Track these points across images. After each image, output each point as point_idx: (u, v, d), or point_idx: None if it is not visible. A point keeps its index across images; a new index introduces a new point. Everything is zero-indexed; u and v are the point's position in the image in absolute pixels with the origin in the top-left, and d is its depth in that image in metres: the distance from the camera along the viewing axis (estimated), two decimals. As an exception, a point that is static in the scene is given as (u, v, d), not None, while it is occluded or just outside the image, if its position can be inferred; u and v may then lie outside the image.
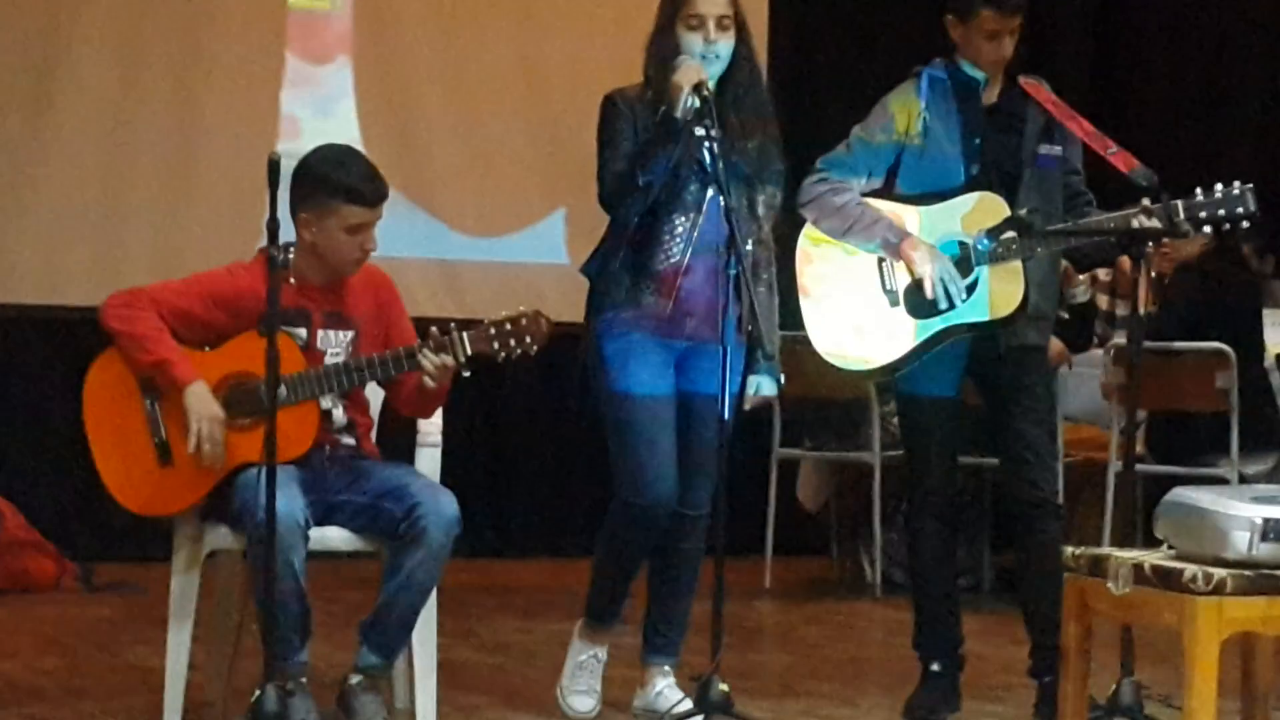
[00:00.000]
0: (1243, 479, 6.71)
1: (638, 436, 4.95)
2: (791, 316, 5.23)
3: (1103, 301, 7.54)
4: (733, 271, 4.69)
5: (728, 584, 4.69)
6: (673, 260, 4.91)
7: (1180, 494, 4.23)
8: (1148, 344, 5.79)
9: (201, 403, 4.77)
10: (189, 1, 7.57)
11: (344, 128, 7.68)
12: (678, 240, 4.92)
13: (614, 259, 4.95)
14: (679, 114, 4.80)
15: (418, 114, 7.81)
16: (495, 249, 7.90)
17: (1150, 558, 4.20)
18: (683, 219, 4.92)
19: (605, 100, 5.00)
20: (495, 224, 7.90)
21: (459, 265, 7.89)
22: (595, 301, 5.04)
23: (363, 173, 4.96)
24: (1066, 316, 7.07)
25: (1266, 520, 4.05)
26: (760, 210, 5.02)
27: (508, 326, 4.86)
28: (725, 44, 4.93)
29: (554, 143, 7.32)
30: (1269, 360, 7.01)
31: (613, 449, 5.01)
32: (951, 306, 5.07)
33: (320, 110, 7.72)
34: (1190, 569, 4.07)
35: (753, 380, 5.02)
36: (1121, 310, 7.42)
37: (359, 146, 7.42)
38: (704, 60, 4.89)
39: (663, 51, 4.95)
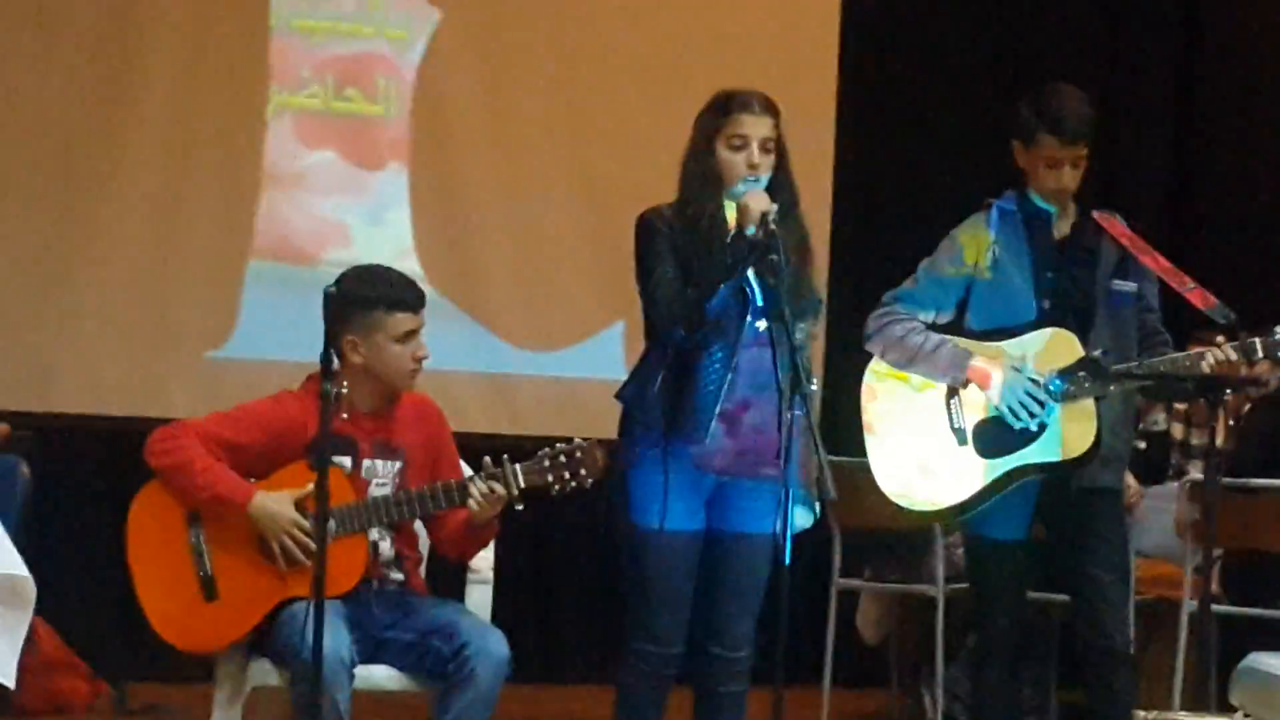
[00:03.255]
0: (1323, 621, 6.54)
1: (655, 580, 4.79)
2: (851, 443, 5.10)
3: (1178, 431, 7.37)
4: (798, 412, 4.51)
5: (783, 718, 4.51)
6: (711, 390, 4.74)
7: (1257, 660, 4.08)
8: (1224, 479, 5.62)
9: (270, 516, 4.72)
10: (239, 103, 7.49)
11: (396, 236, 7.58)
12: (715, 369, 4.76)
13: (652, 385, 4.79)
14: (748, 241, 4.65)
15: (473, 223, 7.71)
16: (550, 363, 7.75)
17: (1225, 726, 4.06)
18: (721, 348, 4.76)
19: (641, 219, 4.85)
20: (551, 337, 7.78)
21: (512, 379, 7.74)
22: (629, 428, 4.88)
23: (398, 280, 4.97)
24: (1143, 446, 6.91)
25: (1349, 692, 3.91)
26: (798, 340, 4.87)
27: (562, 459, 4.78)
28: (768, 168, 4.78)
29: (612, 254, 7.11)
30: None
31: (627, 589, 4.86)
32: (1037, 427, 4.91)
33: (371, 218, 7.62)
34: (1268, 740, 3.93)
35: None
36: (1198, 439, 7.25)
37: (412, 255, 7.51)
38: (745, 184, 4.75)
39: (703, 171, 4.81)
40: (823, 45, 7.98)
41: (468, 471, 4.94)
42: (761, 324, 4.68)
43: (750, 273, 4.68)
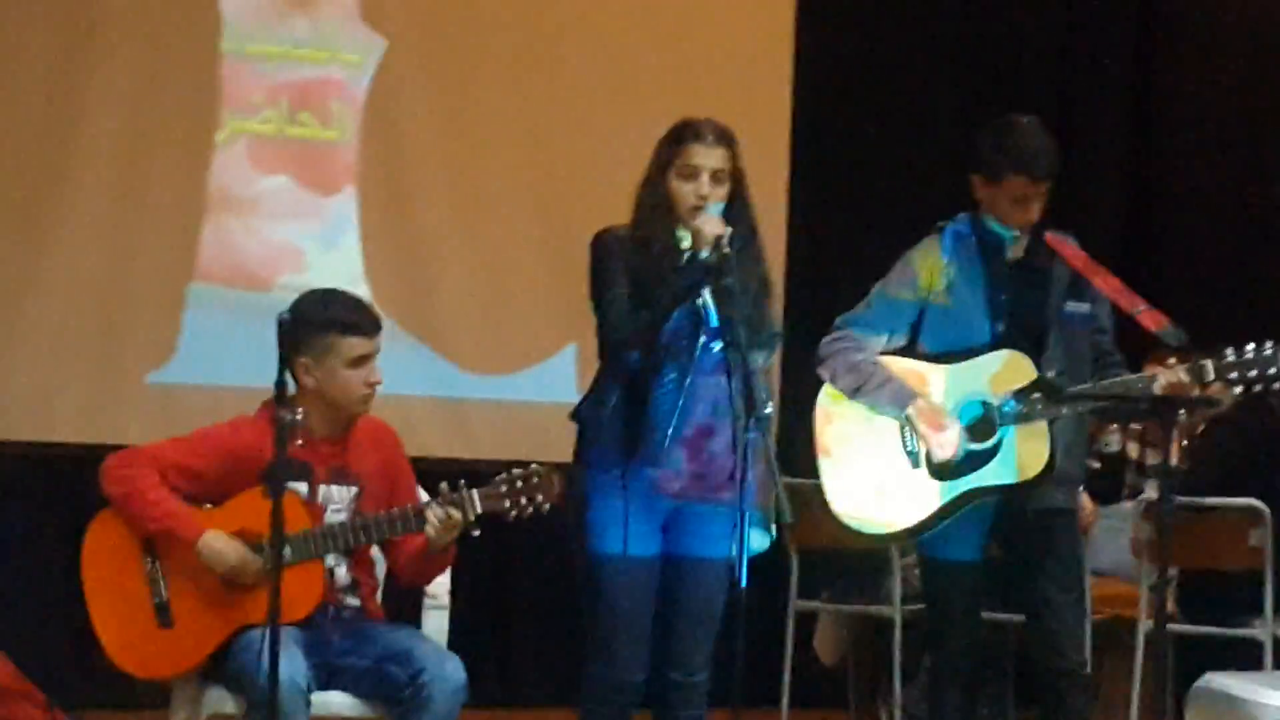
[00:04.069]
0: (1277, 640, 6.55)
1: (615, 607, 4.78)
2: (806, 465, 5.11)
3: (1133, 450, 7.39)
4: (751, 435, 4.51)
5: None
6: (664, 411, 4.74)
7: (1213, 680, 4.10)
8: (1178, 499, 5.64)
9: (217, 555, 4.70)
10: (190, 128, 7.47)
11: (349, 261, 7.56)
12: (668, 391, 4.75)
13: (605, 406, 4.79)
14: (701, 264, 4.65)
15: (424, 248, 7.69)
16: (504, 387, 7.74)
17: (1182, 747, 4.08)
18: (674, 370, 4.76)
19: (596, 239, 4.86)
20: (503, 361, 7.76)
21: (466, 404, 7.73)
22: (584, 451, 4.86)
23: (353, 304, 4.97)
24: (1097, 466, 6.94)
25: (1303, 711, 3.93)
26: (754, 365, 4.85)
27: (519, 484, 4.79)
28: (718, 199, 4.77)
29: (564, 277, 7.13)
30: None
31: (586, 617, 4.85)
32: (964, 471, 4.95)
33: (326, 242, 7.60)
34: (1224, 761, 3.95)
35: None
36: (1152, 459, 7.28)
37: (363, 280, 7.50)
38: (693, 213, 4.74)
39: (654, 200, 4.81)
40: (776, 71, 7.99)
41: (425, 497, 4.94)
42: (717, 346, 4.69)
43: (706, 296, 4.68)
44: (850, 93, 8.24)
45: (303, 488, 4.82)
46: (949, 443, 4.96)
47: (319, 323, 4.84)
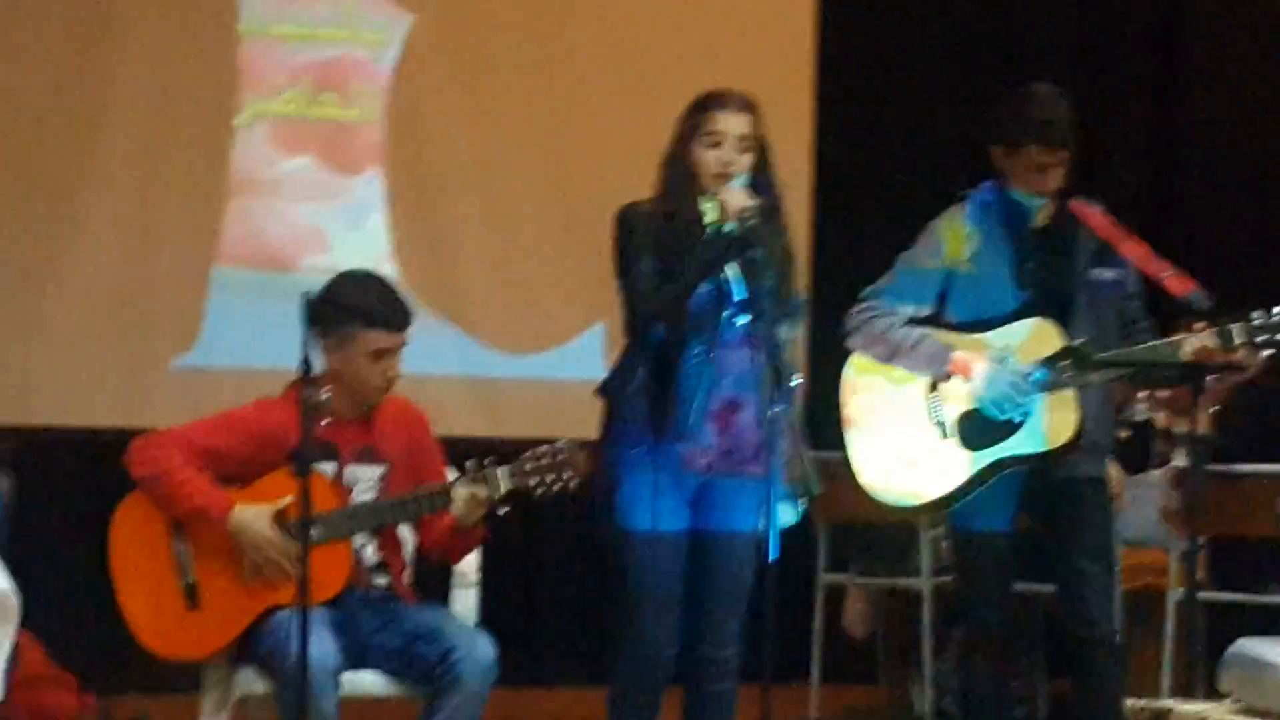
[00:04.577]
0: (1307, 608, 6.54)
1: (644, 583, 4.77)
2: (834, 438, 5.10)
3: (1161, 418, 7.36)
4: (778, 408, 4.50)
5: (771, 714, 4.51)
6: (690, 386, 4.73)
7: (1247, 646, 4.09)
8: (1208, 466, 5.61)
9: (247, 531, 4.70)
10: (210, 111, 7.47)
11: (374, 241, 7.55)
12: (694, 365, 4.74)
13: (633, 380, 4.78)
14: (727, 237, 4.64)
15: (451, 227, 7.68)
16: (531, 366, 7.73)
17: (1215, 713, 4.06)
18: (699, 344, 4.75)
19: (620, 214, 4.84)
20: (531, 340, 7.76)
21: (493, 383, 7.72)
22: (611, 428, 4.86)
23: (386, 297, 4.92)
24: (1126, 434, 6.91)
25: (1338, 676, 3.91)
26: (780, 338, 4.83)
27: (546, 461, 4.78)
28: (742, 167, 4.75)
29: (591, 256, 7.09)
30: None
31: (616, 589, 4.84)
32: (1020, 417, 4.92)
33: (349, 223, 7.60)
34: (1258, 726, 3.94)
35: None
36: (1180, 427, 7.24)
37: (389, 260, 7.49)
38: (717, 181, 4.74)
39: (679, 169, 4.80)
40: (799, 43, 7.96)
41: (452, 476, 4.93)
42: (743, 319, 4.67)
43: (731, 269, 4.67)
44: (874, 62, 8.20)
45: (329, 468, 4.82)
46: (981, 375, 4.92)
47: (347, 309, 4.83)
